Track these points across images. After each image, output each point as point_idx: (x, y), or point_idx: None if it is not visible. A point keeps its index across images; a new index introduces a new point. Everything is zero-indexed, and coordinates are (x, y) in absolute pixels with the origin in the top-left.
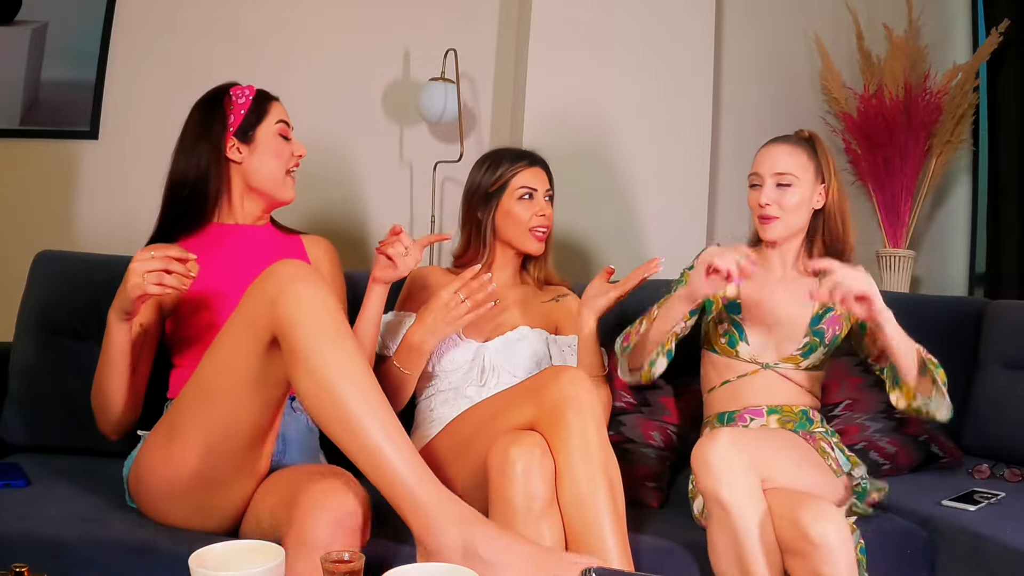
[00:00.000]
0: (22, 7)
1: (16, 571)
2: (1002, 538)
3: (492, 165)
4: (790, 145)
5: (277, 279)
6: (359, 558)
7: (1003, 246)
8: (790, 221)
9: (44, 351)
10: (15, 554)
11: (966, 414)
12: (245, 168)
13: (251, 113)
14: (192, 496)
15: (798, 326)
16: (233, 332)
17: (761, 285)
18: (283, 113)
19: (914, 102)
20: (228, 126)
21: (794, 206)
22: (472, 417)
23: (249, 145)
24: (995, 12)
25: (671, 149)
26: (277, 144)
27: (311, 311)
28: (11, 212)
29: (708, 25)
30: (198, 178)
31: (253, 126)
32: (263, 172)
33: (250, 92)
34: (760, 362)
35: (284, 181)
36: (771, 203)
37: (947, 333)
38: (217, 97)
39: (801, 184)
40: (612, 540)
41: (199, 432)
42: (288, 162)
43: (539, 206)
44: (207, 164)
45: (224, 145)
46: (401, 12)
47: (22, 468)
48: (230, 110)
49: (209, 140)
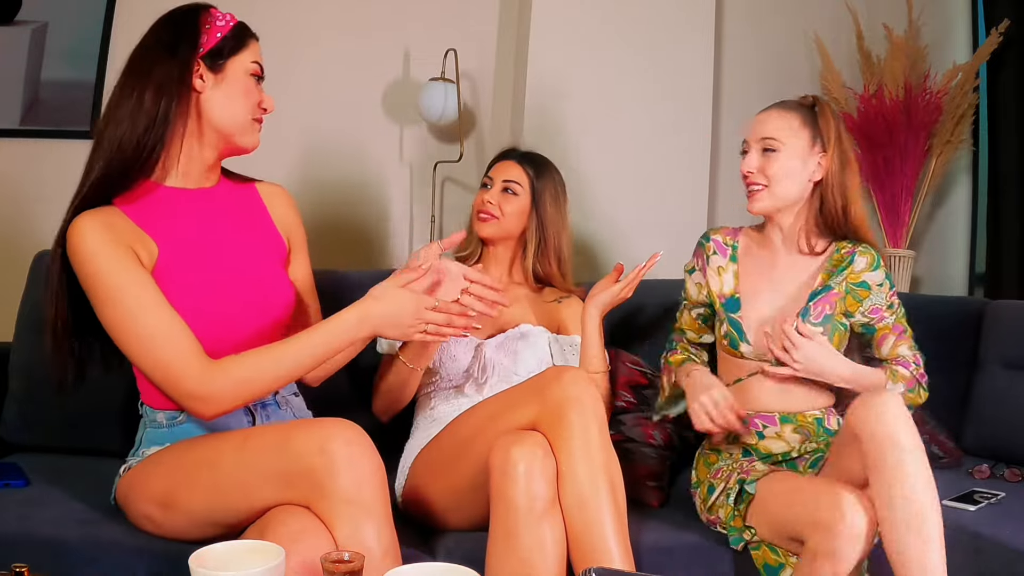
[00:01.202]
0: (22, 7)
1: (16, 571)
2: (1002, 538)
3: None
4: (781, 109)
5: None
6: (359, 558)
7: (1003, 246)
8: (778, 191)
9: (44, 351)
10: (15, 554)
11: (966, 414)
12: (205, 101)
13: (229, 39)
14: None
15: (795, 312)
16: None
17: (759, 274)
18: (260, 56)
19: (914, 102)
20: (200, 46)
21: (780, 175)
22: (473, 417)
23: (217, 75)
24: (995, 12)
25: (671, 149)
26: (248, 83)
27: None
28: (11, 212)
29: (708, 25)
30: (154, 108)
31: (226, 55)
32: (228, 109)
33: (231, 19)
34: (767, 359)
35: (250, 125)
36: (753, 170)
37: (947, 333)
38: (191, 12)
39: (788, 150)
40: (613, 541)
41: (203, 509)
42: (255, 110)
43: (490, 193)
44: (168, 89)
45: (191, 67)
46: (401, 12)
47: (22, 468)
48: (204, 29)
49: (174, 60)
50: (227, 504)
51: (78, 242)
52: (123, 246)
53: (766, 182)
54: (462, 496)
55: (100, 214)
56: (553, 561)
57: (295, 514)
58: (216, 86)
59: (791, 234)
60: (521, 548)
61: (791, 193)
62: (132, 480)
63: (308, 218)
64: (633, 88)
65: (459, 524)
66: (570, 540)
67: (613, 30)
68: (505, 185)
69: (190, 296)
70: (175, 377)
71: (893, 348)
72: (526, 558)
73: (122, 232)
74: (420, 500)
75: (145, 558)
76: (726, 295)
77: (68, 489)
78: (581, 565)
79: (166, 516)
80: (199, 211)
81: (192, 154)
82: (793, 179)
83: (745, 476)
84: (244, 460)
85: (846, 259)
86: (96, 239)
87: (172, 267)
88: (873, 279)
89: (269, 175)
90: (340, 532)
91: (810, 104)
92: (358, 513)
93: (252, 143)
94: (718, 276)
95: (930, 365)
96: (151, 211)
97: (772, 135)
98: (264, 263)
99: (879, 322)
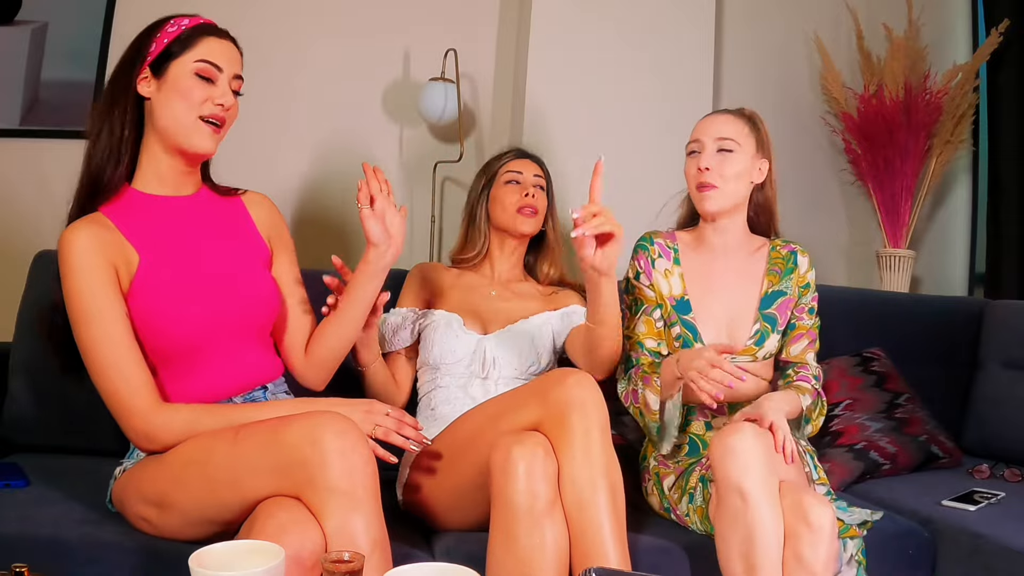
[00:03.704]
0: (22, 7)
1: (16, 571)
2: (1002, 538)
3: (486, 166)
4: (731, 115)
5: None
6: (359, 558)
7: (1003, 246)
8: (729, 190)
9: (44, 351)
10: (15, 554)
11: (966, 414)
12: (153, 107)
13: (175, 43)
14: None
15: (747, 312)
16: (254, 466)
17: (703, 275)
18: (218, 54)
19: (914, 102)
20: (148, 54)
21: (735, 174)
22: (475, 417)
23: (159, 80)
24: (995, 12)
25: (671, 149)
26: (189, 83)
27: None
28: (11, 212)
29: (708, 25)
30: (111, 119)
31: (170, 58)
32: (167, 111)
33: (190, 23)
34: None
35: (195, 126)
36: (711, 168)
37: (947, 333)
38: (153, 25)
39: (742, 152)
40: (611, 544)
41: (196, 507)
42: (200, 107)
43: (526, 189)
44: (119, 100)
45: (137, 75)
46: (401, 12)
47: (22, 468)
48: (155, 38)
49: (129, 71)
50: (219, 499)
51: (65, 254)
52: (104, 267)
53: (720, 182)
54: (463, 496)
55: (90, 225)
56: (553, 561)
57: (285, 506)
58: (159, 91)
59: (733, 234)
60: (521, 548)
61: (739, 194)
62: (126, 482)
63: (308, 218)
64: (633, 88)
65: (459, 524)
66: (571, 541)
67: (613, 30)
68: (536, 182)
69: (171, 302)
70: (123, 410)
71: (803, 352)
72: (526, 558)
73: (106, 246)
74: (421, 499)
75: (145, 558)
76: (676, 297)
77: (68, 489)
78: (579, 567)
79: (161, 516)
80: (178, 218)
81: (158, 159)
82: (742, 180)
83: (706, 472)
84: (236, 454)
85: (788, 258)
86: (80, 256)
87: (152, 274)
88: (811, 279)
89: (271, 174)
90: (329, 523)
91: (749, 115)
92: (347, 504)
93: (201, 145)
94: (665, 279)
95: (930, 365)
96: (132, 217)
97: (731, 136)
98: (245, 269)
99: (799, 321)
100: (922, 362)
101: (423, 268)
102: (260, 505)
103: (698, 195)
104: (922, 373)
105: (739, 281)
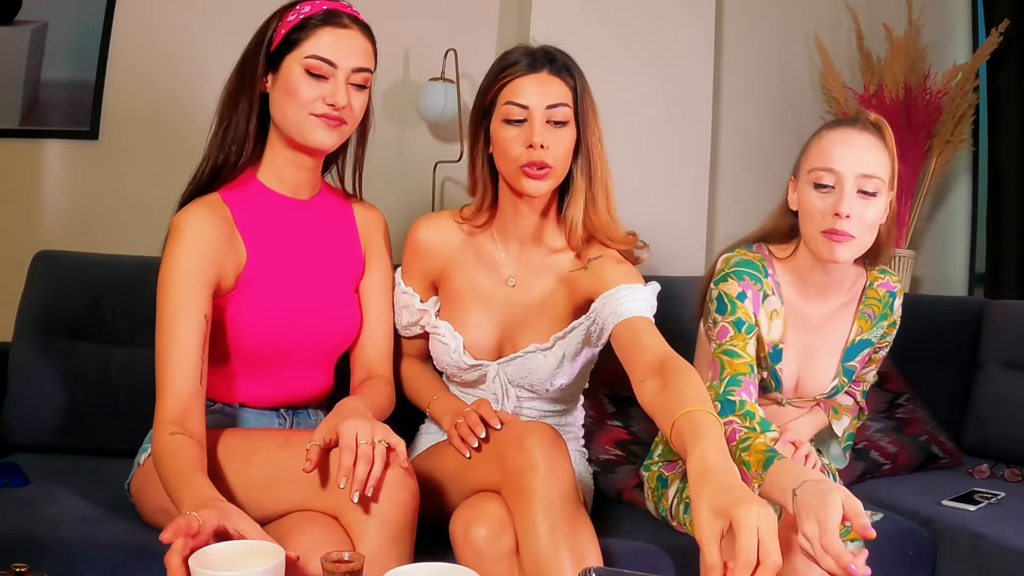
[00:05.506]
0: (22, 7)
1: (16, 571)
2: (1002, 538)
3: (490, 70)
4: (871, 136)
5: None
6: (359, 558)
7: (1003, 246)
8: (865, 241)
9: (44, 351)
10: (15, 554)
11: (966, 414)
12: (271, 102)
13: (293, 32)
14: None
15: (828, 364)
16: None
17: (800, 322)
18: (333, 48)
19: (914, 102)
20: (269, 45)
21: (875, 222)
22: (447, 460)
23: (275, 76)
24: (995, 12)
25: (671, 149)
26: (298, 81)
27: None
28: (11, 212)
29: (708, 25)
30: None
31: (284, 52)
32: (279, 111)
33: (312, 8)
34: (779, 400)
35: (307, 121)
36: (851, 216)
37: (947, 333)
38: (281, 10)
39: (884, 192)
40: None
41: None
42: (311, 106)
43: (533, 131)
44: (248, 92)
45: (258, 68)
46: (401, 13)
47: (22, 468)
48: (277, 27)
49: (254, 61)
50: (252, 500)
51: (174, 236)
52: (204, 265)
53: (859, 231)
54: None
55: (206, 213)
56: None
57: (319, 523)
58: (274, 87)
59: (839, 274)
60: None
61: (872, 241)
62: (151, 469)
63: None
64: (633, 88)
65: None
66: None
67: (613, 30)
68: (551, 116)
69: (263, 314)
70: (157, 400)
71: (866, 373)
72: None
73: (216, 240)
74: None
75: (145, 558)
76: (773, 343)
77: (68, 489)
78: None
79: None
80: (290, 223)
81: (280, 154)
82: (877, 225)
83: None
84: (281, 459)
85: (884, 301)
86: (187, 245)
87: (255, 280)
88: (899, 316)
89: None
90: (363, 547)
91: (886, 135)
92: (386, 532)
93: (316, 139)
94: (769, 320)
95: (930, 365)
96: (249, 207)
97: (876, 173)
98: (337, 290)
99: (875, 354)
100: (922, 362)
101: (425, 234)
102: (292, 517)
103: (826, 241)
104: (922, 373)
105: (828, 326)
